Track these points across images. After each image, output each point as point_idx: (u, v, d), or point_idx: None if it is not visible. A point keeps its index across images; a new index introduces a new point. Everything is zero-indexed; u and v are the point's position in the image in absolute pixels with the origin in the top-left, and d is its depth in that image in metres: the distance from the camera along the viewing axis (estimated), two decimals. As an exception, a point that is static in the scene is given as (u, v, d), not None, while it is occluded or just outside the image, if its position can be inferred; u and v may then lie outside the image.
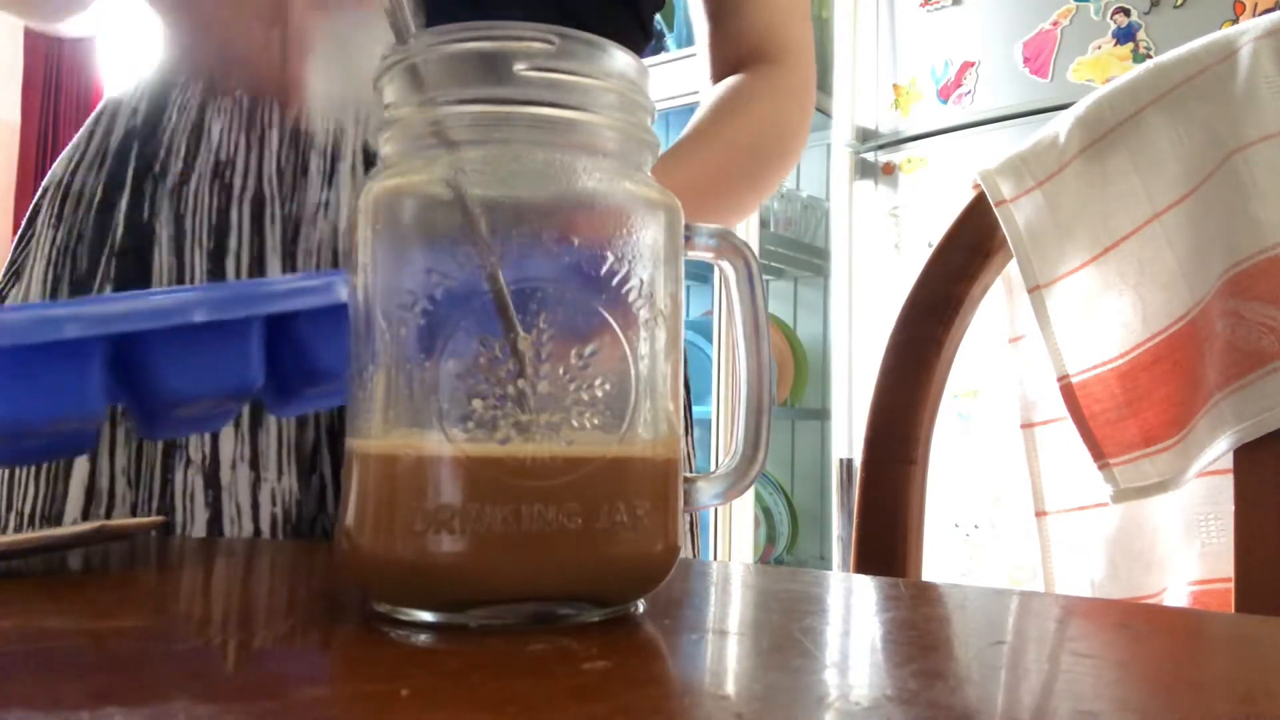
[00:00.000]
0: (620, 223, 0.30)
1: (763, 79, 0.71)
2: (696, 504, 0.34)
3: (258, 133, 0.59)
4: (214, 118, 0.60)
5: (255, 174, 0.58)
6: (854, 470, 1.85)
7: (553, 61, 0.30)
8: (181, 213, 0.58)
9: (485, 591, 0.29)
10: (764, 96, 0.70)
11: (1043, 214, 0.63)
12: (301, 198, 0.58)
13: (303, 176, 0.59)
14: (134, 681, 0.24)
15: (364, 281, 0.30)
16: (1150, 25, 1.61)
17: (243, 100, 0.60)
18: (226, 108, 0.60)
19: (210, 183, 0.58)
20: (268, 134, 0.59)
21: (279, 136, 0.59)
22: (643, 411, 0.30)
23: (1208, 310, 0.58)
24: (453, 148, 0.30)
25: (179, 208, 0.58)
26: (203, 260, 0.57)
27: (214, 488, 0.54)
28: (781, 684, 0.24)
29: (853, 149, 1.92)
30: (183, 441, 0.54)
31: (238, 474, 0.54)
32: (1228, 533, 0.59)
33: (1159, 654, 0.30)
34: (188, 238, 0.57)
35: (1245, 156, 0.58)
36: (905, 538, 0.63)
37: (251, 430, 0.55)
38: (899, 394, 0.65)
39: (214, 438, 0.55)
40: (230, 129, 0.59)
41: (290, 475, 0.55)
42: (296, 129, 0.59)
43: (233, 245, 0.57)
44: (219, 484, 0.54)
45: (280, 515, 0.55)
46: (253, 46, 0.60)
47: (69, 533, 0.39)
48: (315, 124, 0.59)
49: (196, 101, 0.60)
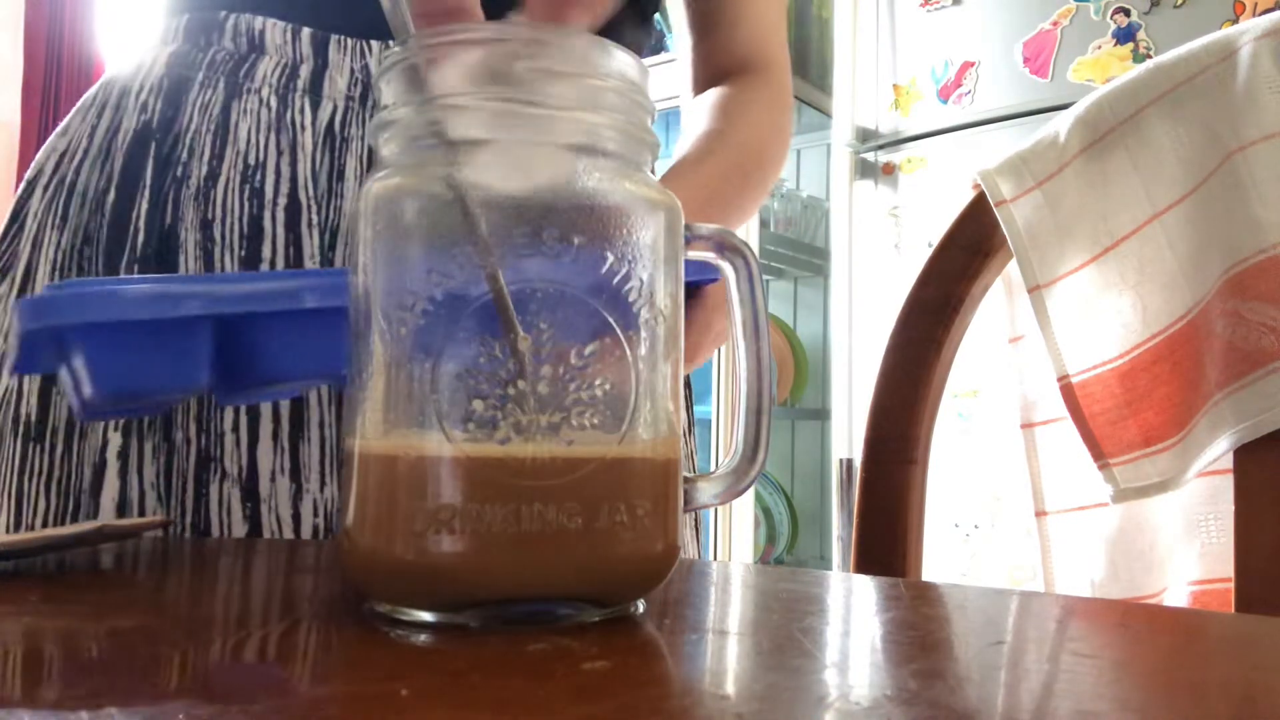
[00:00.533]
0: (620, 223, 0.30)
1: (754, 89, 0.71)
2: (696, 504, 0.34)
3: (289, 136, 0.57)
4: (240, 118, 0.57)
5: (289, 179, 0.56)
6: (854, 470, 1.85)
7: (553, 61, 0.30)
8: (210, 218, 0.56)
9: (485, 591, 0.29)
10: (761, 104, 0.71)
11: (1043, 214, 0.63)
12: (338, 204, 0.56)
13: (339, 182, 0.57)
14: (134, 681, 0.24)
15: (364, 281, 0.30)
16: (1150, 25, 1.61)
17: (270, 100, 0.57)
18: (253, 108, 0.57)
19: (240, 187, 0.56)
20: (300, 137, 0.57)
21: (312, 139, 0.57)
22: (642, 412, 0.30)
23: (1208, 310, 0.58)
24: (452, 147, 0.30)
25: (206, 212, 0.56)
26: (234, 267, 0.55)
27: (253, 500, 0.53)
28: (781, 684, 0.24)
29: (853, 149, 1.92)
30: (217, 454, 0.53)
31: (277, 485, 0.53)
32: (1228, 533, 0.59)
33: (1159, 654, 0.30)
34: (217, 244, 0.55)
35: (1245, 156, 0.58)
36: (905, 538, 0.63)
37: (292, 441, 0.54)
38: (899, 394, 0.65)
39: (251, 450, 0.53)
40: (258, 129, 0.57)
41: (333, 484, 0.54)
42: (331, 130, 0.57)
43: (266, 253, 0.55)
44: (258, 496, 0.53)
45: (322, 526, 0.53)
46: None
47: (69, 533, 0.39)
48: (351, 128, 0.57)
49: (220, 100, 0.58)
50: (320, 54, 0.58)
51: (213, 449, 0.53)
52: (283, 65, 0.58)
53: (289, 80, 0.58)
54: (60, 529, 0.39)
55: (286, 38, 0.59)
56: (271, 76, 0.58)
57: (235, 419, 0.54)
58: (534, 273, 0.29)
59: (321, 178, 0.57)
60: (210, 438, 0.54)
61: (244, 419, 0.54)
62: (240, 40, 0.59)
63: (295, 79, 0.58)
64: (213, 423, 0.54)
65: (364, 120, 0.58)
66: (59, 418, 0.55)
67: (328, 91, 0.58)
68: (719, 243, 0.34)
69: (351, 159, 0.57)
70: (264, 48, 0.59)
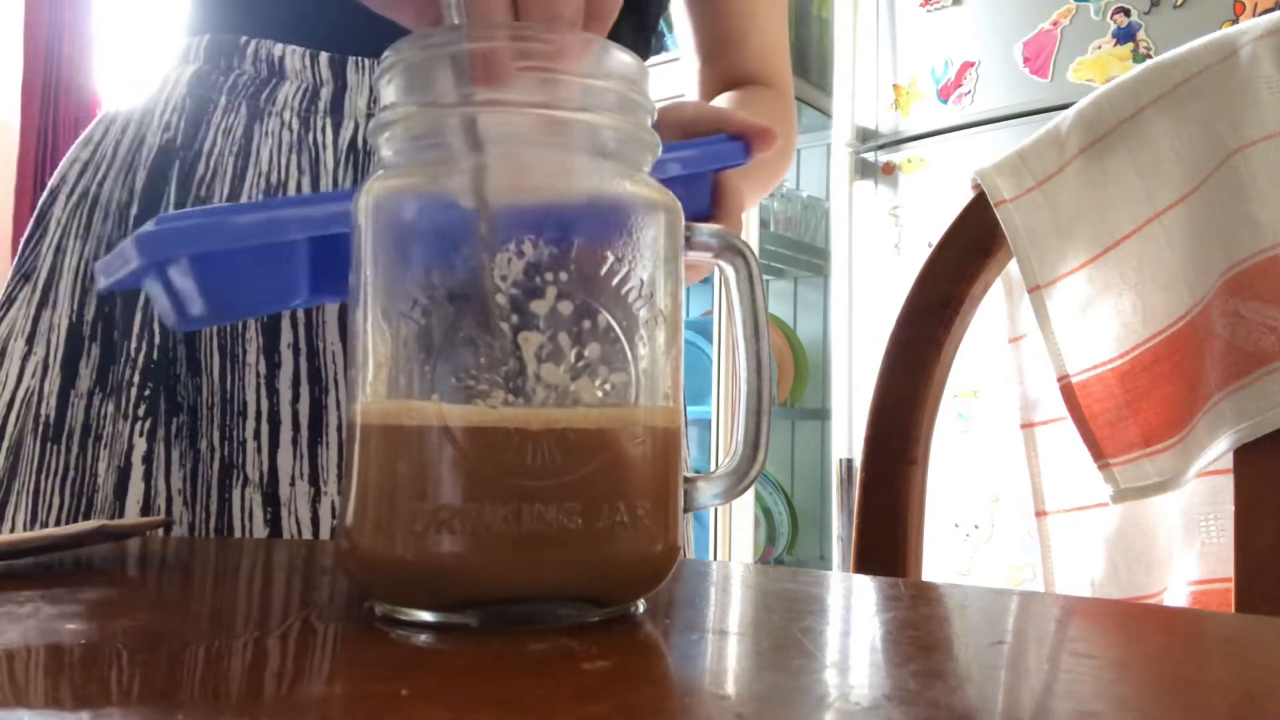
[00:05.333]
0: (620, 223, 0.30)
1: (762, 94, 0.73)
2: (696, 504, 0.34)
3: (310, 155, 0.58)
4: (261, 140, 0.59)
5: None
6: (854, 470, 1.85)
7: (553, 62, 0.30)
8: None
9: (485, 591, 0.29)
10: (769, 105, 0.72)
11: (1043, 214, 0.63)
12: None
13: None
14: (134, 681, 0.24)
15: (364, 281, 0.30)
16: (1150, 25, 1.61)
17: (291, 123, 0.59)
18: (274, 130, 0.59)
19: None
20: (322, 155, 0.58)
21: (334, 157, 0.58)
22: (642, 411, 0.30)
23: (1208, 310, 0.58)
24: (453, 148, 0.30)
25: None
26: None
27: (273, 505, 0.54)
28: (781, 684, 0.24)
29: (853, 149, 1.92)
30: (239, 460, 0.55)
31: (296, 490, 0.55)
32: (1228, 533, 0.59)
33: (1159, 654, 0.30)
34: None
35: (1245, 156, 0.58)
36: (905, 538, 0.63)
37: (310, 446, 0.55)
38: (899, 394, 0.65)
39: (272, 455, 0.55)
40: (280, 150, 0.58)
41: None
42: (354, 147, 0.59)
43: None
44: (278, 500, 0.54)
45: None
46: None
47: (69, 533, 0.39)
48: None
49: (242, 124, 0.59)
50: (339, 76, 0.60)
51: (235, 456, 0.55)
52: (303, 89, 0.60)
53: (310, 103, 0.59)
54: (60, 529, 0.39)
55: (305, 63, 0.60)
56: (293, 100, 0.59)
57: (257, 427, 0.55)
58: (534, 273, 0.29)
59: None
60: (232, 446, 0.55)
61: (265, 426, 0.55)
62: (260, 65, 0.60)
63: (316, 101, 0.59)
64: (235, 431, 0.55)
65: None
66: (75, 420, 0.57)
67: (349, 111, 0.59)
68: (719, 243, 0.34)
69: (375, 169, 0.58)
70: (284, 73, 0.60)
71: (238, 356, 0.56)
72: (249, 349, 0.55)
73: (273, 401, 0.55)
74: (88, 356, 0.58)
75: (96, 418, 0.57)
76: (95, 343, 0.58)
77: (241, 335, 0.56)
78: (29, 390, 0.58)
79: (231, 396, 0.55)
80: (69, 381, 0.57)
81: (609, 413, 0.30)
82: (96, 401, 0.57)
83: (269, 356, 0.55)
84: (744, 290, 0.35)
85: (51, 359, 0.58)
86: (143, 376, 0.56)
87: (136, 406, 0.56)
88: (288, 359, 0.55)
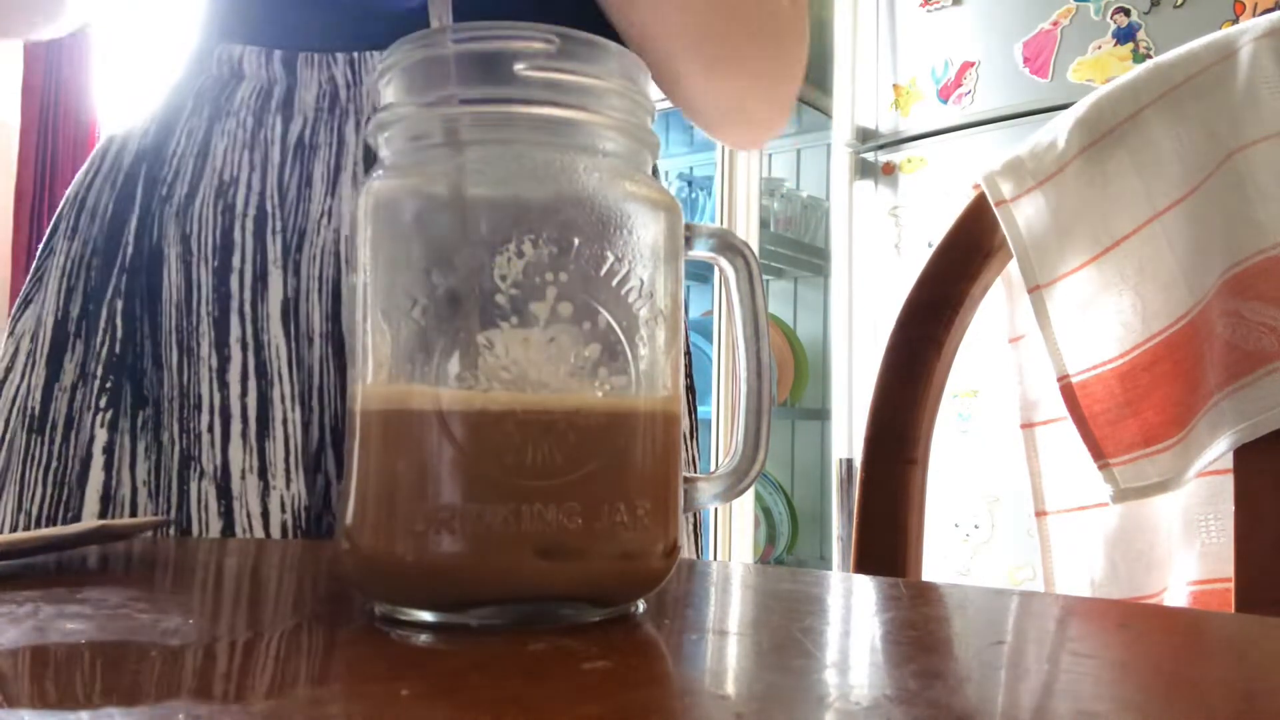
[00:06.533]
0: (620, 223, 0.30)
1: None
2: (696, 504, 0.34)
3: (261, 151, 0.60)
4: (218, 139, 0.61)
5: (259, 191, 0.60)
6: (854, 470, 1.85)
7: (553, 62, 0.30)
8: (187, 233, 0.59)
9: (485, 591, 0.29)
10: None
11: (1043, 214, 0.63)
12: (305, 208, 0.59)
13: (307, 188, 0.60)
14: (134, 681, 0.24)
15: (364, 281, 0.30)
16: (1150, 25, 1.61)
17: (246, 121, 0.61)
18: (230, 129, 0.61)
19: (214, 203, 0.59)
20: (270, 150, 0.60)
21: (280, 152, 0.60)
22: (643, 411, 0.30)
23: (1208, 310, 0.58)
24: (453, 148, 0.30)
25: (185, 228, 0.59)
26: (209, 278, 0.58)
27: (226, 498, 0.55)
28: (781, 684, 0.24)
29: (853, 149, 1.92)
30: (196, 453, 0.56)
31: (247, 483, 0.56)
32: (1228, 533, 0.59)
33: (1159, 654, 0.30)
34: (194, 256, 0.59)
35: (1245, 156, 0.58)
36: (905, 538, 0.63)
37: (259, 440, 0.56)
38: (899, 394, 0.65)
39: (224, 449, 0.56)
40: (234, 148, 0.60)
41: (298, 481, 0.56)
42: (301, 142, 0.60)
43: (236, 263, 0.58)
44: (231, 494, 0.56)
45: (290, 521, 0.56)
46: None
47: (69, 532, 0.39)
48: (319, 136, 0.60)
49: (204, 127, 0.62)
50: (290, 73, 0.61)
51: (192, 448, 0.56)
52: (258, 88, 0.62)
53: (264, 101, 0.62)
54: (60, 529, 0.39)
55: (261, 61, 0.62)
56: (249, 99, 0.62)
57: (210, 421, 0.56)
58: (534, 273, 0.29)
59: (290, 187, 0.60)
60: (190, 439, 0.56)
61: (217, 420, 0.56)
62: (223, 68, 0.63)
63: (269, 99, 0.62)
64: (191, 424, 0.57)
65: (332, 128, 0.60)
66: (58, 412, 0.59)
67: (298, 107, 0.61)
68: (719, 242, 0.34)
69: (319, 165, 0.60)
70: (243, 73, 0.63)
71: (192, 350, 0.57)
72: (202, 343, 0.57)
73: (224, 395, 0.56)
74: (72, 351, 0.60)
75: (78, 411, 0.59)
76: (79, 339, 0.60)
77: (195, 329, 0.57)
78: (19, 389, 0.61)
79: (188, 390, 0.57)
80: (54, 375, 0.59)
81: (609, 413, 0.30)
82: (79, 396, 0.59)
83: (219, 350, 0.57)
84: (744, 290, 0.35)
85: (38, 354, 0.60)
86: (105, 369, 0.58)
87: (99, 398, 0.58)
88: (236, 353, 0.57)
